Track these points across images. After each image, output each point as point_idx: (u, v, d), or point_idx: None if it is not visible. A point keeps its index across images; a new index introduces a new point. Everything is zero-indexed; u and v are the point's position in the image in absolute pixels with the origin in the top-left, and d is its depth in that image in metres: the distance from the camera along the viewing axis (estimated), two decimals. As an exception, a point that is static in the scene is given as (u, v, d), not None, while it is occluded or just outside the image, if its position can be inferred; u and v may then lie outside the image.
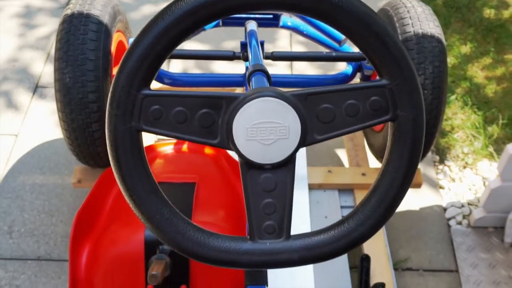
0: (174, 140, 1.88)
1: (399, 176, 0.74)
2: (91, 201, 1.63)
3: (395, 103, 0.72)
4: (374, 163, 2.00)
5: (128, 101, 0.71)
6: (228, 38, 2.78)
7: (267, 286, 1.31)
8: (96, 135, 1.66)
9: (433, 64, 1.61)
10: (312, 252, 0.76)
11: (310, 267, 1.63)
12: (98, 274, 1.53)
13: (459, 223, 2.14)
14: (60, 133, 2.38)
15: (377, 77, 0.74)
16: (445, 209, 2.19)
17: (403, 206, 2.18)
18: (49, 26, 2.85)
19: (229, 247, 0.76)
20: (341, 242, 0.76)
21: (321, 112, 0.73)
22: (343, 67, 2.53)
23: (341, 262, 1.73)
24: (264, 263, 0.76)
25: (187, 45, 2.67)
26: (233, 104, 0.72)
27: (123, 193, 0.75)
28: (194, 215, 1.53)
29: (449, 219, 2.15)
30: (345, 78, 1.79)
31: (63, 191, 2.19)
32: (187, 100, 0.72)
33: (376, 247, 1.75)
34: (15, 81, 2.57)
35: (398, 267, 2.01)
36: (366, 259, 1.70)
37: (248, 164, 0.74)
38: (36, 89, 2.55)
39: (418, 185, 1.89)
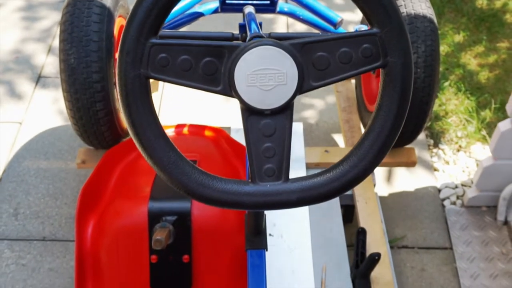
0: (174, 123, 1.94)
1: (390, 119, 0.80)
2: (96, 177, 1.68)
3: (385, 50, 0.78)
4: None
5: (137, 49, 0.76)
6: (226, 27, 2.84)
7: (266, 250, 1.36)
8: (100, 114, 1.71)
9: (426, 43, 1.67)
10: (309, 193, 0.81)
11: (310, 266, 1.68)
12: (104, 245, 1.58)
13: (453, 203, 2.19)
14: (63, 120, 2.44)
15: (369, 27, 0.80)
16: (439, 190, 2.24)
17: (398, 187, 2.24)
18: (50, 19, 2.91)
19: (232, 188, 0.82)
20: (336, 184, 0.81)
21: (316, 60, 0.79)
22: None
23: (339, 239, 1.79)
24: (264, 203, 0.82)
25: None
26: (235, 53, 0.78)
27: (133, 137, 0.81)
28: (195, 189, 1.58)
29: (443, 199, 2.21)
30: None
31: (67, 175, 2.25)
32: (192, 49, 0.78)
33: (372, 224, 1.80)
34: (18, 71, 2.63)
35: (394, 245, 2.07)
36: (362, 232, 1.75)
37: (249, 110, 0.80)
38: (39, 79, 2.60)
39: (413, 164, 1.95)
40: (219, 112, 2.45)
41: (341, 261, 1.73)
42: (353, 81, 2.22)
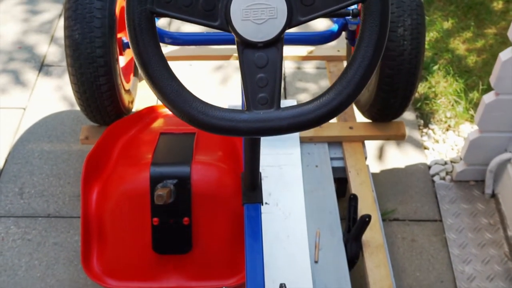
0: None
1: (370, 50, 0.88)
2: (100, 147, 1.77)
3: None
4: (361, 119, 2.14)
5: None
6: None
7: (262, 204, 1.45)
8: (103, 88, 1.79)
9: (411, 17, 1.76)
10: (298, 119, 0.90)
11: (304, 231, 1.75)
12: (108, 209, 1.66)
13: (443, 178, 2.28)
14: (65, 106, 2.52)
15: None
16: (429, 167, 2.33)
17: (390, 165, 2.33)
18: (52, 12, 3.00)
19: (229, 116, 0.90)
20: (323, 110, 0.90)
21: None
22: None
23: (332, 207, 1.86)
24: (258, 129, 0.90)
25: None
26: None
27: (140, 68, 0.89)
28: (195, 156, 1.67)
29: (433, 175, 2.30)
30: (332, 35, 1.94)
31: (70, 157, 2.33)
32: None
33: (364, 192, 1.88)
34: (22, 61, 2.72)
35: (386, 217, 2.15)
36: (354, 199, 1.83)
37: (243, 43, 0.88)
38: (42, 67, 2.69)
39: (402, 137, 2.03)
40: (217, 94, 2.54)
41: (333, 226, 1.81)
42: (344, 62, 2.31)
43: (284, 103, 2.13)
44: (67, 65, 1.78)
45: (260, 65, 0.89)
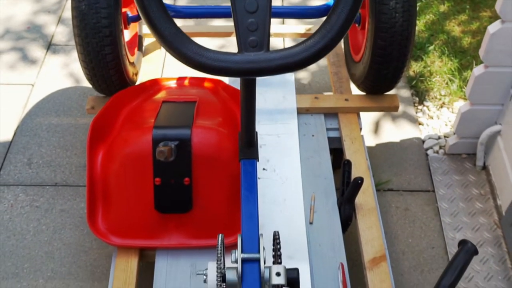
0: (176, 76, 2.11)
1: (351, -3, 0.96)
2: (105, 113, 1.85)
3: None
4: (356, 92, 2.22)
5: None
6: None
7: (257, 161, 1.53)
8: (108, 58, 1.88)
9: (403, -9, 1.84)
10: (286, 60, 0.98)
11: (300, 195, 1.84)
12: (112, 170, 1.75)
13: (436, 152, 2.36)
14: (72, 82, 2.61)
15: None
16: (423, 141, 2.41)
17: (385, 139, 2.41)
18: (59, -5, 3.09)
19: (222, 58, 0.98)
20: (308, 52, 0.98)
21: None
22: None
23: (327, 172, 1.94)
24: (248, 70, 0.98)
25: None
26: None
27: (140, 12, 0.97)
28: (195, 121, 1.75)
29: (426, 149, 2.37)
30: (327, 9, 2.02)
31: (76, 130, 2.42)
32: None
33: (358, 160, 1.96)
34: (30, 40, 2.81)
35: (380, 188, 2.23)
36: (348, 164, 1.91)
37: None
38: (50, 46, 2.78)
39: (395, 109, 2.11)
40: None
41: (328, 191, 1.89)
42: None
43: (284, 76, 2.22)
44: (74, 35, 1.86)
45: (250, 10, 0.98)
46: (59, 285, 1.94)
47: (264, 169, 1.92)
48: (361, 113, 2.16)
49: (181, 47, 0.98)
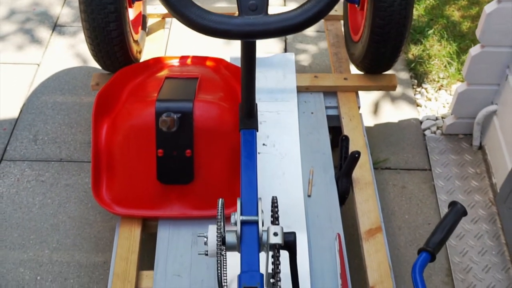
0: (179, 55, 2.15)
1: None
2: (111, 87, 1.90)
3: None
4: (355, 72, 2.26)
5: None
6: (228, -15, 3.06)
7: (257, 131, 1.58)
8: (113, 34, 1.93)
9: (401, -30, 1.88)
10: (284, 23, 1.03)
11: (299, 170, 1.88)
12: (116, 142, 1.80)
13: (433, 132, 2.40)
14: (77, 62, 2.66)
15: None
16: (421, 122, 2.45)
17: (384, 120, 2.45)
18: (65, -22, 3.13)
19: (223, 20, 1.03)
20: (305, 16, 1.02)
21: None
22: None
23: (325, 148, 1.99)
24: (248, 33, 1.03)
25: None
26: None
27: None
28: (197, 95, 1.79)
29: (424, 129, 2.42)
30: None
31: (81, 108, 2.47)
32: None
33: (355, 136, 2.01)
34: (36, 21, 2.85)
35: (378, 166, 2.28)
36: (345, 140, 1.96)
37: None
38: (55, 27, 2.83)
39: (393, 88, 2.16)
40: (221, 51, 2.66)
41: (326, 166, 1.93)
42: (341, 21, 2.43)
43: (285, 56, 2.26)
44: (80, 11, 1.91)
45: None
46: (64, 255, 1.99)
47: (264, 144, 1.97)
48: (361, 95, 2.21)
49: (184, 10, 1.02)
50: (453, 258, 2.00)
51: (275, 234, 1.24)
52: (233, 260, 1.34)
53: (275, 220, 1.30)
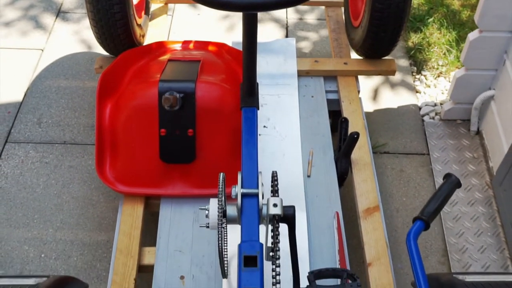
0: (181, 39, 2.18)
1: None
2: (114, 68, 1.94)
3: None
4: (355, 57, 2.30)
5: None
6: None
7: (257, 109, 1.61)
8: (117, 16, 1.96)
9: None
10: None
11: (299, 151, 1.91)
12: (120, 122, 1.84)
13: (432, 118, 2.43)
14: (80, 48, 2.69)
15: None
16: (420, 108, 2.49)
17: (383, 105, 2.48)
18: (68, -34, 3.16)
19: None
20: None
21: None
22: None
23: (325, 130, 2.02)
24: (248, 4, 1.06)
25: None
26: None
27: None
28: (199, 76, 1.82)
29: (423, 115, 2.45)
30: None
31: (84, 93, 2.50)
32: None
33: (355, 118, 2.04)
34: (40, 7, 2.89)
35: (377, 150, 2.31)
36: (345, 122, 1.99)
37: None
38: (59, 13, 2.86)
39: (393, 72, 2.19)
40: (221, 35, 2.70)
41: (326, 147, 1.97)
42: (342, 8, 2.46)
43: (286, 41, 2.30)
44: (85, -6, 1.94)
45: None
46: (68, 234, 2.03)
47: (264, 126, 2.00)
48: (361, 82, 2.24)
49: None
50: (449, 239, 2.03)
51: (275, 205, 1.27)
52: (234, 236, 1.38)
53: (274, 192, 1.34)
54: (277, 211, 1.26)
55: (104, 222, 2.07)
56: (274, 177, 1.37)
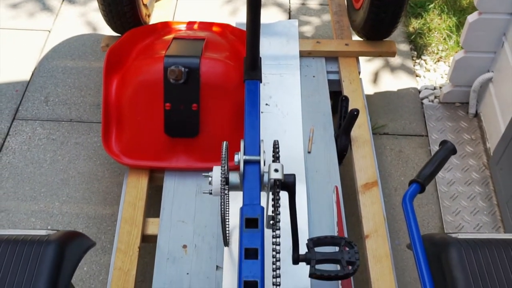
0: (186, 20, 2.23)
1: None
2: (121, 44, 1.98)
3: None
4: (356, 38, 2.34)
5: None
6: None
7: (260, 82, 1.66)
8: (124, -6, 2.01)
9: None
10: None
11: (300, 128, 1.96)
12: (126, 96, 1.88)
13: (431, 101, 2.48)
14: (86, 30, 2.74)
15: None
16: (419, 91, 2.53)
17: (383, 88, 2.53)
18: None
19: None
20: None
21: None
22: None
23: (325, 109, 2.07)
24: None
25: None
26: None
27: None
28: (204, 53, 1.87)
29: (422, 98, 2.50)
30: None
31: (91, 72, 2.55)
32: None
33: (355, 97, 2.08)
34: (47, -10, 2.94)
35: (376, 131, 2.36)
36: (345, 100, 2.04)
37: None
38: (66, -4, 2.91)
39: (393, 54, 2.23)
40: (226, 17, 2.74)
41: (326, 125, 2.01)
42: (344, -8, 2.51)
43: (289, 22, 2.34)
44: (92, -28, 1.99)
45: None
46: (74, 208, 2.08)
47: (266, 104, 2.05)
48: (362, 65, 2.28)
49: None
50: (446, 217, 2.08)
51: (276, 170, 1.31)
52: (236, 207, 1.42)
53: (276, 159, 1.38)
54: (278, 175, 1.31)
55: (109, 196, 2.12)
56: (276, 145, 1.41)
